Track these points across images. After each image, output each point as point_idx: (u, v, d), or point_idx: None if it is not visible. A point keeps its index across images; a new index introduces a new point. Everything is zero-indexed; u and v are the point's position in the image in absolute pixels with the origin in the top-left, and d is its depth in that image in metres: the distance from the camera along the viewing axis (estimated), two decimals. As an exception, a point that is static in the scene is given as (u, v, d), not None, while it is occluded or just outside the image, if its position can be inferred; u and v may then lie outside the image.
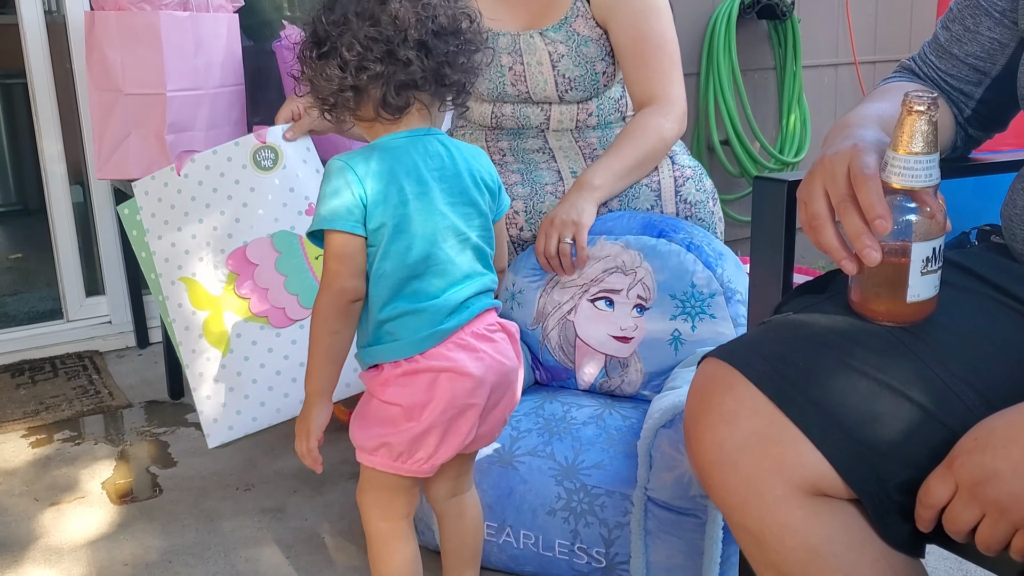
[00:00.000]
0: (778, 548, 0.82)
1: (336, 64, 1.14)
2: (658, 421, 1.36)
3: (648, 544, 1.39)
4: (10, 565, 1.60)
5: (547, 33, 1.76)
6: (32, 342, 2.62)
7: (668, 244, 1.63)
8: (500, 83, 1.82)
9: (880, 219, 0.79)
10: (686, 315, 1.61)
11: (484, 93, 1.85)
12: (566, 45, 1.76)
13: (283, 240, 1.71)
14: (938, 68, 1.10)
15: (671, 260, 1.60)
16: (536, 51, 1.77)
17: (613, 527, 1.41)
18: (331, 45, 1.15)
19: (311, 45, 1.19)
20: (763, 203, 0.99)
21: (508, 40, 1.78)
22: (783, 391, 0.81)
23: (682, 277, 1.60)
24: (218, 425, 1.66)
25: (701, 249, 1.63)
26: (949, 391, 0.81)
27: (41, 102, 2.52)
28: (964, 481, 0.74)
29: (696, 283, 1.60)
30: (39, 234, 3.49)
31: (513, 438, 1.53)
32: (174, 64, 2.29)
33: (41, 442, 2.08)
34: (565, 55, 1.76)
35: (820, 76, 3.45)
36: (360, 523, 1.23)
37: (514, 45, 1.78)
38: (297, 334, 1.66)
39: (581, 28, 1.75)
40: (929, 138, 0.80)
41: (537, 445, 1.54)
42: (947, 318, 0.86)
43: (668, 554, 1.38)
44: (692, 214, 1.76)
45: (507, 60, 1.79)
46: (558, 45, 1.76)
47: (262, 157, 1.75)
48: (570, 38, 1.76)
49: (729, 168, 3.20)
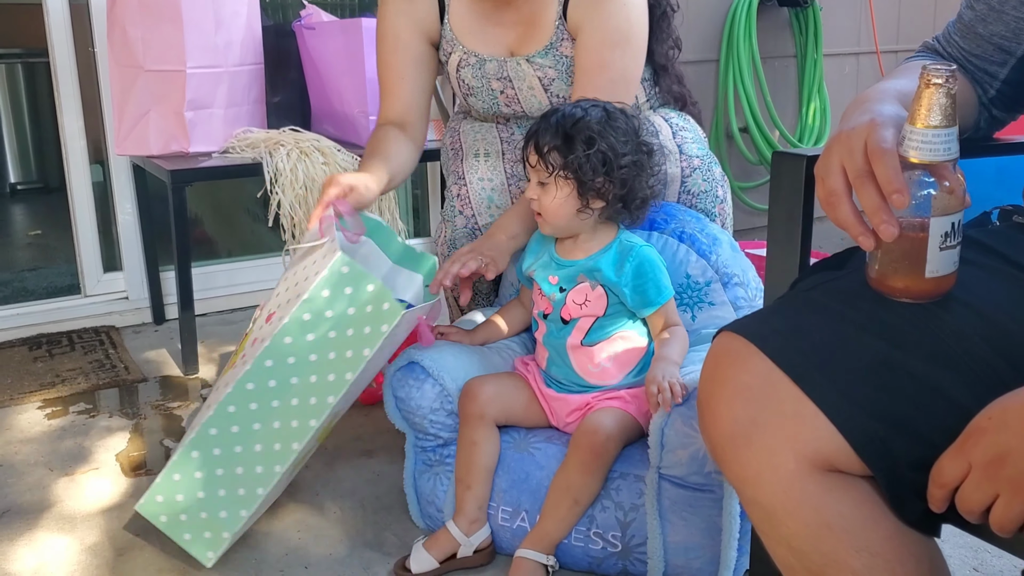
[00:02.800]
0: (790, 523, 0.81)
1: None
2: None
3: (665, 524, 1.39)
4: (24, 531, 1.61)
5: (534, 59, 1.73)
6: (50, 316, 2.64)
7: (660, 236, 1.63)
8: (494, 104, 1.81)
9: (898, 193, 0.78)
10: (684, 306, 1.60)
11: (480, 111, 1.85)
12: (555, 69, 1.74)
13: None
14: (962, 48, 1.08)
15: (664, 252, 1.60)
16: (526, 77, 1.75)
17: (629, 509, 1.41)
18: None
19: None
20: (781, 178, 0.98)
21: (495, 66, 1.76)
22: (798, 365, 0.81)
23: (676, 269, 1.60)
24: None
25: (694, 237, 1.62)
26: (967, 369, 0.80)
27: (63, 78, 2.54)
28: (978, 460, 0.73)
29: (691, 273, 1.60)
30: (59, 212, 3.53)
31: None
32: (194, 41, 2.30)
33: (57, 414, 2.09)
34: (556, 78, 1.74)
35: (841, 65, 3.42)
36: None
37: (502, 71, 1.76)
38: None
39: (567, 51, 1.72)
40: (947, 111, 0.79)
41: (552, 432, 1.54)
42: (966, 295, 0.85)
43: (686, 533, 1.38)
44: (693, 204, 1.75)
45: (497, 85, 1.78)
46: (547, 70, 1.74)
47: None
48: (559, 62, 1.73)
49: (748, 155, 3.18)
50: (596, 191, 1.43)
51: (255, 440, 1.40)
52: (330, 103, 2.61)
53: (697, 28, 3.08)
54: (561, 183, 1.42)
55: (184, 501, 1.42)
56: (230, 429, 1.39)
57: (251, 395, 1.37)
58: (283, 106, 2.71)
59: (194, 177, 2.29)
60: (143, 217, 2.67)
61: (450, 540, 1.46)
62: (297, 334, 1.35)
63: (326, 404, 1.40)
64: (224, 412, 1.38)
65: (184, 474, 1.41)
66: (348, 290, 1.34)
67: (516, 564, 1.41)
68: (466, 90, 1.81)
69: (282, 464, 1.43)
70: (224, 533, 1.45)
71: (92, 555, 1.54)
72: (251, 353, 1.39)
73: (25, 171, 4.69)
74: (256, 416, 1.39)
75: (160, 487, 1.41)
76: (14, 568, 1.51)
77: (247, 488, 1.43)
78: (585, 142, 1.40)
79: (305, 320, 1.35)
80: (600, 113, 1.44)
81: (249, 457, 1.41)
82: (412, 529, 1.60)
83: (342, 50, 2.47)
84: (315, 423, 1.41)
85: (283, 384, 1.38)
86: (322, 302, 1.34)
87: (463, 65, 1.78)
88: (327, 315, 1.35)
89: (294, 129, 2.40)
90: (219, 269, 2.87)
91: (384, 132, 1.75)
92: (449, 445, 1.55)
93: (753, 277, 1.65)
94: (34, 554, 1.55)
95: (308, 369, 1.37)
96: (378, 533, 1.60)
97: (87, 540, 1.58)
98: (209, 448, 1.40)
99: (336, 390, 1.40)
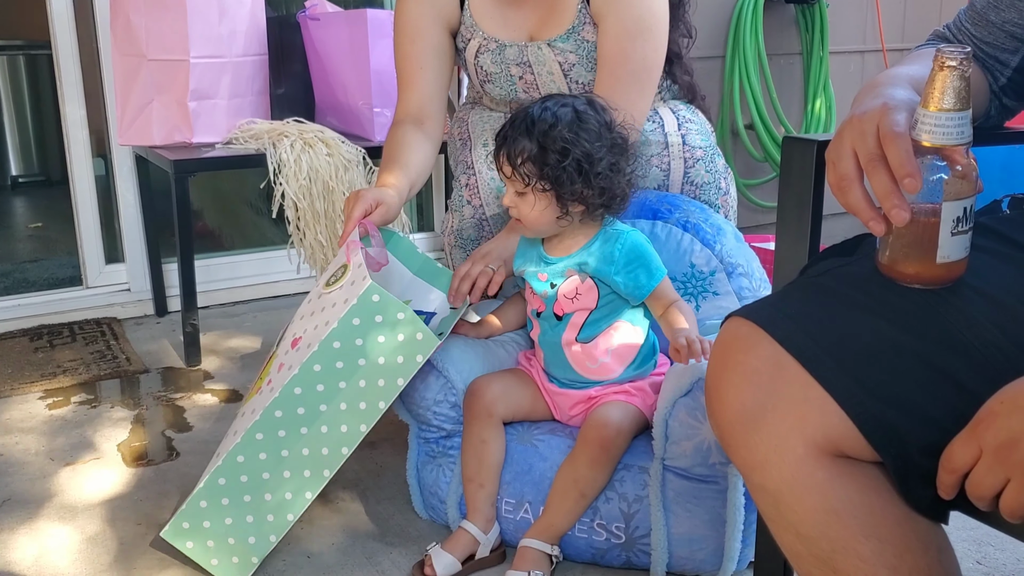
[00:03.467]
0: (797, 508, 0.80)
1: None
2: (676, 391, 1.35)
3: (669, 516, 1.38)
4: (25, 521, 1.60)
5: (555, 44, 1.72)
6: (51, 307, 2.63)
7: (664, 226, 1.62)
8: (512, 90, 1.80)
9: (910, 177, 0.77)
10: (689, 295, 1.60)
11: (496, 97, 1.83)
12: (576, 54, 1.72)
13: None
14: (973, 35, 1.08)
15: (668, 242, 1.59)
16: (546, 62, 1.74)
17: (632, 501, 1.40)
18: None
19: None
20: (792, 163, 0.97)
21: (515, 51, 1.75)
22: (807, 350, 0.80)
23: (681, 258, 1.60)
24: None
25: (698, 227, 1.61)
26: (977, 354, 0.80)
27: (65, 67, 2.53)
28: (989, 445, 0.72)
29: (695, 263, 1.59)
30: (60, 205, 3.52)
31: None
32: (198, 30, 2.29)
33: (58, 404, 2.09)
34: (576, 63, 1.73)
35: (847, 63, 3.41)
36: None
37: (522, 56, 1.75)
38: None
39: (589, 35, 1.71)
40: (961, 95, 0.78)
41: (555, 424, 1.53)
42: (978, 281, 0.84)
43: (690, 525, 1.38)
44: (697, 195, 1.74)
45: (516, 71, 1.76)
46: (568, 55, 1.72)
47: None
48: (580, 47, 1.72)
49: (753, 152, 3.17)
50: (575, 198, 1.40)
51: (283, 467, 1.39)
52: (334, 95, 2.61)
53: (703, 24, 3.06)
54: (539, 195, 1.40)
55: (211, 528, 1.40)
56: (257, 456, 1.37)
57: (279, 422, 1.36)
58: (287, 97, 2.71)
59: (197, 167, 2.28)
60: (145, 209, 2.66)
61: (470, 540, 1.44)
62: (326, 362, 1.34)
63: (359, 432, 1.39)
64: (251, 439, 1.36)
65: (211, 501, 1.39)
66: (378, 318, 1.34)
67: (521, 553, 1.40)
68: (483, 76, 1.80)
69: (312, 491, 1.41)
70: (253, 558, 1.43)
71: (93, 545, 1.53)
72: (278, 380, 1.38)
73: (27, 164, 4.69)
74: (284, 443, 1.37)
75: (186, 514, 1.39)
76: (15, 557, 1.50)
77: (276, 514, 1.41)
78: (559, 152, 1.36)
79: (335, 348, 1.34)
80: (570, 114, 1.38)
81: (277, 484, 1.39)
82: (415, 520, 1.59)
83: (347, 41, 2.46)
84: (347, 451, 1.39)
85: (312, 412, 1.36)
86: (352, 330, 1.33)
87: (482, 51, 1.77)
88: (357, 343, 1.34)
89: (298, 120, 2.39)
90: (221, 262, 2.87)
91: (401, 134, 1.72)
92: (452, 437, 1.54)
93: (757, 268, 1.64)
94: (35, 543, 1.54)
95: (338, 397, 1.36)
96: (381, 524, 1.59)
97: (88, 530, 1.58)
98: (236, 475, 1.38)
99: (369, 418, 1.38)
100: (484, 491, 1.46)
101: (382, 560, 1.49)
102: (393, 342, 1.35)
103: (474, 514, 1.46)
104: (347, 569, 1.47)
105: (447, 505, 1.53)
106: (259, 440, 1.36)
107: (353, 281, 1.37)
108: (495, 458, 1.47)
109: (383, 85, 2.43)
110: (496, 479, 1.47)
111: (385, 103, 2.45)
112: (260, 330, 2.59)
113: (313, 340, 1.36)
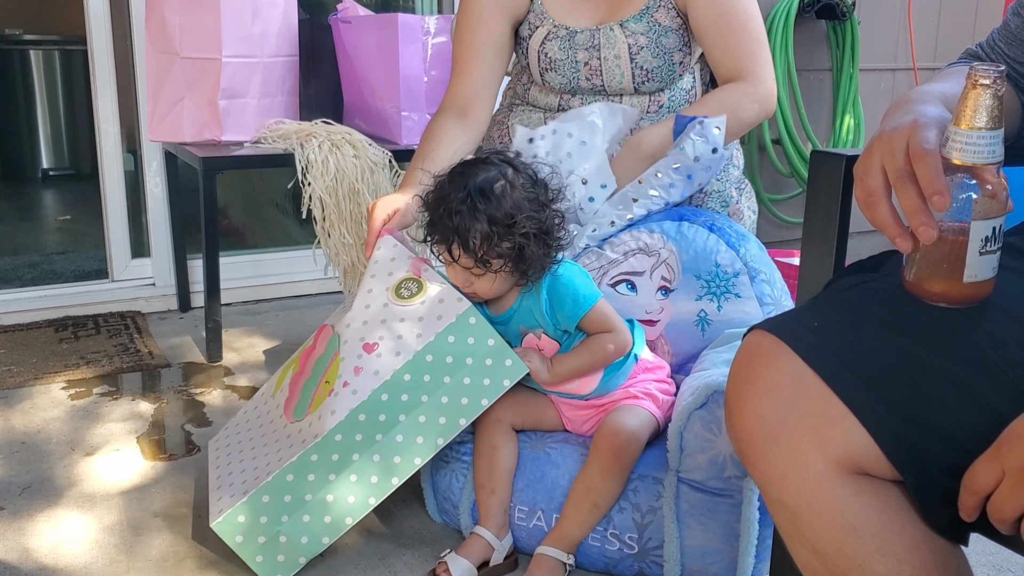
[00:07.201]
0: (815, 525, 0.80)
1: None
2: (692, 404, 1.35)
3: (682, 528, 1.37)
4: (44, 508, 1.62)
5: (627, 24, 1.73)
6: (77, 299, 2.66)
7: (691, 226, 1.62)
8: (575, 78, 1.80)
9: (938, 195, 0.77)
10: (712, 295, 1.59)
11: (556, 87, 1.83)
12: (647, 36, 1.73)
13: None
14: (1007, 55, 1.07)
15: (695, 241, 1.59)
16: (615, 44, 1.74)
17: (646, 512, 1.40)
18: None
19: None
20: (819, 177, 0.97)
21: (586, 36, 1.75)
22: (830, 365, 0.79)
23: (706, 257, 1.59)
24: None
25: (723, 231, 1.61)
26: (1003, 375, 0.79)
27: (99, 63, 2.56)
28: (1012, 466, 0.71)
29: (720, 263, 1.59)
30: (89, 198, 3.56)
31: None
32: (231, 30, 2.31)
33: (80, 395, 2.11)
34: (644, 47, 1.73)
35: (877, 80, 3.39)
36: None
37: (592, 40, 1.75)
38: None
39: (662, 18, 1.72)
40: (994, 113, 0.77)
41: (568, 432, 1.53)
42: (1005, 300, 0.83)
43: (703, 538, 1.37)
44: (703, 203, 1.73)
45: (583, 56, 1.77)
46: (638, 37, 1.73)
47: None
48: (651, 29, 1.72)
49: (780, 167, 3.16)
50: (531, 261, 1.39)
51: (351, 470, 1.39)
52: (363, 97, 2.62)
53: (732, 37, 3.06)
54: (500, 273, 1.40)
55: (267, 523, 1.39)
56: (330, 457, 1.38)
57: (359, 426, 1.38)
58: (316, 99, 2.73)
59: (225, 165, 2.30)
60: (173, 205, 2.68)
61: (484, 545, 1.44)
62: (416, 373, 1.39)
63: (434, 445, 1.40)
64: (330, 440, 1.37)
65: (274, 496, 1.39)
66: (471, 340, 1.40)
67: (536, 560, 1.40)
68: (546, 64, 1.80)
69: (377, 497, 1.41)
70: (300, 558, 1.42)
71: (109, 534, 1.55)
72: (362, 385, 1.39)
73: (58, 157, 4.74)
74: (357, 447, 1.39)
75: (245, 507, 1.39)
76: (33, 543, 1.51)
77: (335, 517, 1.41)
78: (511, 227, 1.34)
79: (427, 361, 1.40)
80: (503, 185, 1.37)
81: (343, 486, 1.40)
82: (428, 523, 1.60)
83: (377, 45, 2.48)
84: (420, 462, 1.41)
85: (391, 420, 1.39)
86: (445, 347, 1.40)
87: (550, 38, 1.77)
88: (447, 360, 1.40)
89: (326, 122, 2.41)
90: (245, 260, 2.89)
91: (439, 127, 1.73)
92: (465, 443, 1.54)
93: (778, 278, 1.64)
94: (53, 530, 1.55)
95: (418, 409, 1.39)
96: (395, 526, 1.59)
97: (105, 520, 1.59)
98: (305, 473, 1.38)
99: (447, 433, 1.40)
100: (496, 497, 1.46)
101: (395, 562, 1.49)
102: (481, 365, 1.40)
103: (487, 520, 1.46)
104: (360, 569, 1.47)
105: (460, 510, 1.53)
106: (337, 442, 1.38)
107: (442, 299, 1.43)
108: (506, 464, 1.47)
109: (411, 89, 2.45)
110: (508, 485, 1.47)
111: (413, 107, 2.47)
112: (282, 328, 2.60)
113: (402, 349, 1.40)
